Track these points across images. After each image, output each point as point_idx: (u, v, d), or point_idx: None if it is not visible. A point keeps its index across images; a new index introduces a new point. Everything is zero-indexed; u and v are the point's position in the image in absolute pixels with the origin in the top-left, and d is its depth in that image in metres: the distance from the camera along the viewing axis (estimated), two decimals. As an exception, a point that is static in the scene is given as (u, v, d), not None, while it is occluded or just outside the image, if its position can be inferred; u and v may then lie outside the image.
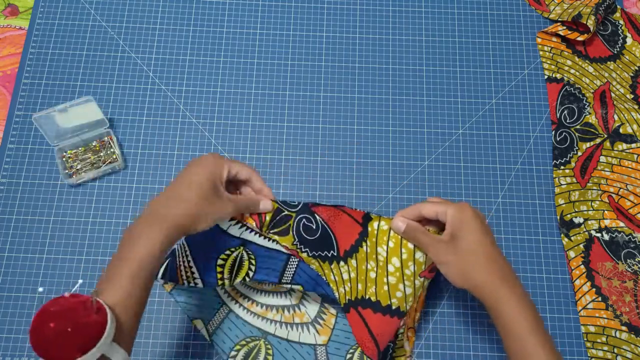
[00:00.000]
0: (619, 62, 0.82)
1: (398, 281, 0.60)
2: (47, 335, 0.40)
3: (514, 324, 0.53)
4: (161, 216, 0.51)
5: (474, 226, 0.56)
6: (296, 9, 0.84)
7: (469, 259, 0.55)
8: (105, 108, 0.77)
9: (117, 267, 0.48)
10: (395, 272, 0.60)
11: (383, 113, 0.78)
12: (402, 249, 0.60)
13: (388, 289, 0.60)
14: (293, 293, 0.68)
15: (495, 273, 0.55)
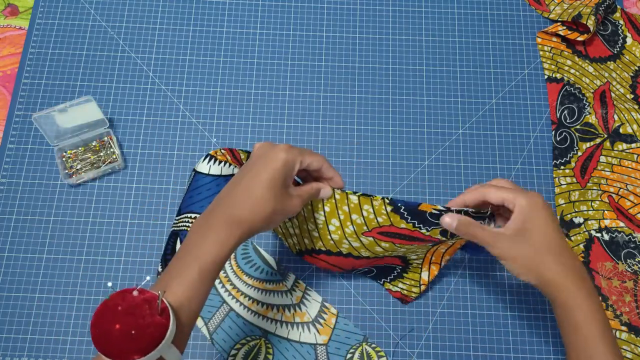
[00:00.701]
0: (619, 62, 0.82)
1: (341, 237, 0.60)
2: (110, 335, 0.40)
3: (584, 326, 0.50)
4: (235, 217, 0.48)
5: (545, 219, 0.52)
6: (296, 9, 0.84)
7: (540, 254, 0.52)
8: (105, 108, 0.77)
9: (187, 264, 0.46)
10: (337, 230, 0.60)
11: (383, 113, 0.78)
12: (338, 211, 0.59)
13: (334, 243, 0.61)
14: (294, 292, 0.68)
15: (567, 270, 0.51)
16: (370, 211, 0.60)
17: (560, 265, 0.51)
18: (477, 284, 0.70)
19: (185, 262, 0.46)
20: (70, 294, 0.68)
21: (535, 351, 0.67)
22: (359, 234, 0.60)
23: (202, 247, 0.47)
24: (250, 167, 0.51)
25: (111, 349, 0.40)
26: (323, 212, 0.59)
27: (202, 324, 0.66)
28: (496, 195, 0.53)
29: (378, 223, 0.60)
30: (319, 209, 0.59)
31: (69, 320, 0.67)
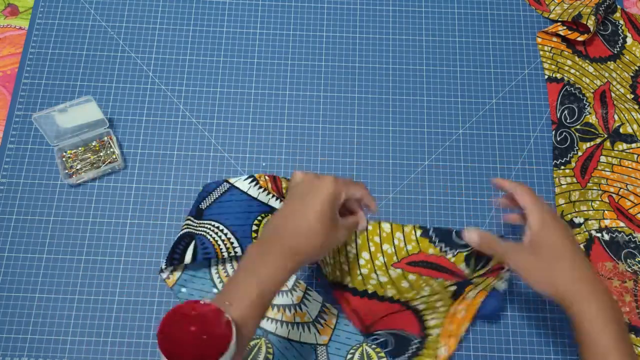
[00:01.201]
0: (619, 62, 0.82)
1: (370, 271, 0.64)
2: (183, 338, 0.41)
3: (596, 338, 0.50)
4: (294, 248, 0.51)
5: (557, 230, 0.54)
6: (296, 9, 0.84)
7: (553, 265, 0.53)
8: (105, 108, 0.77)
9: (248, 285, 0.48)
10: (367, 264, 0.65)
11: (383, 113, 0.78)
12: (369, 242, 0.64)
13: (362, 279, 0.65)
14: (294, 292, 0.68)
15: (580, 280, 0.53)
16: (401, 239, 0.66)
17: (572, 277, 0.53)
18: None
19: (246, 283, 0.48)
20: (70, 294, 0.68)
21: (536, 351, 0.67)
22: (388, 265, 0.64)
23: (262, 272, 0.49)
24: (301, 199, 0.54)
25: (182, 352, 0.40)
26: (355, 244, 0.64)
27: None
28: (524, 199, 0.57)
29: (407, 252, 0.65)
30: (351, 241, 0.64)
31: (69, 320, 0.67)
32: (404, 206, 0.73)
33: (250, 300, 0.47)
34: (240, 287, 0.48)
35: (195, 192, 0.73)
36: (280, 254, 0.50)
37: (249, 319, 0.46)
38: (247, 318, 0.46)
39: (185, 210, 0.72)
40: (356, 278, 0.65)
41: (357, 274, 0.65)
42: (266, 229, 0.54)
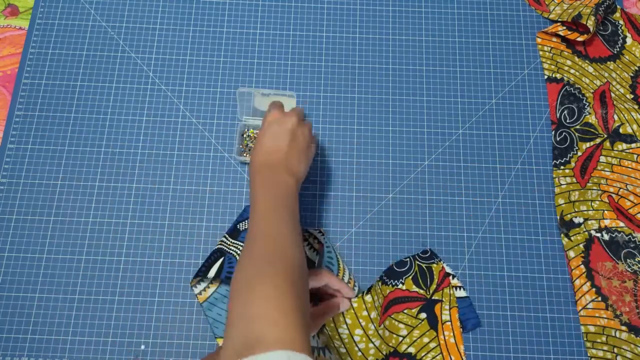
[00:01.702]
0: (618, 62, 0.82)
1: (367, 343, 0.66)
2: None
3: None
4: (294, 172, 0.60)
5: None
6: (296, 9, 0.84)
7: None
8: (105, 108, 0.77)
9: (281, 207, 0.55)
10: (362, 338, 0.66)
11: (383, 113, 0.78)
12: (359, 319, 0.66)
13: (362, 354, 0.66)
14: (321, 335, 0.67)
15: None
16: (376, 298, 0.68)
17: None
18: (477, 283, 0.70)
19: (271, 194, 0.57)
20: (70, 294, 0.68)
21: (535, 351, 0.67)
22: (377, 328, 0.66)
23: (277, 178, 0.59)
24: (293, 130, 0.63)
25: None
26: (346, 325, 0.66)
27: None
28: None
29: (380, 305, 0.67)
30: (341, 324, 0.66)
31: (69, 320, 0.67)
32: (403, 206, 0.73)
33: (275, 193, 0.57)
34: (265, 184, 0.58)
35: (195, 192, 0.73)
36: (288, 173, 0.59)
37: None
38: None
39: (185, 210, 0.72)
40: (356, 355, 0.66)
41: (356, 351, 0.66)
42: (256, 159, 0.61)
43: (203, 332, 0.67)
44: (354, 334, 0.66)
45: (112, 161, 0.74)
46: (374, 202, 0.73)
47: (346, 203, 0.73)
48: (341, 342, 0.66)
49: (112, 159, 0.75)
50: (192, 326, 0.67)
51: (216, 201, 0.73)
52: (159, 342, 0.67)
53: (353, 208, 0.73)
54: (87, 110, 0.77)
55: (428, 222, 0.72)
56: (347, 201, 0.73)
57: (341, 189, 0.74)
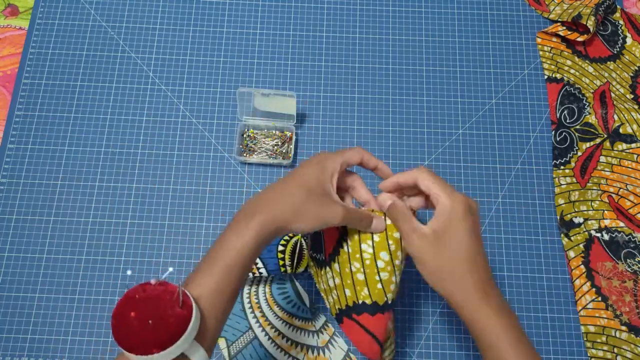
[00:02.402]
0: (618, 62, 0.82)
1: (390, 274, 0.53)
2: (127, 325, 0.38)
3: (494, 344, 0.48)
4: (259, 212, 0.47)
5: (462, 227, 0.49)
6: (296, 9, 0.84)
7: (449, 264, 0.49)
8: (106, 108, 0.77)
9: (212, 260, 0.45)
10: (386, 266, 0.53)
11: (383, 113, 0.78)
12: (388, 240, 0.53)
13: (382, 286, 0.54)
14: (321, 335, 0.67)
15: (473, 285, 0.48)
16: None
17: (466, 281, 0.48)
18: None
19: (211, 258, 0.45)
20: (70, 294, 0.68)
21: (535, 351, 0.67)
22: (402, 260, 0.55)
23: (227, 242, 0.46)
24: (290, 174, 0.52)
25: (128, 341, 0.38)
26: (372, 241, 0.54)
27: (225, 346, 0.65)
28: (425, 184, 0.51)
29: None
30: (367, 239, 0.54)
31: (69, 320, 0.67)
32: (404, 206, 0.73)
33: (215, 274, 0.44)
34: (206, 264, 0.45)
35: (195, 192, 0.73)
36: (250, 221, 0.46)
37: (217, 293, 0.43)
38: (215, 292, 0.43)
39: (185, 210, 0.72)
40: (375, 287, 0.54)
41: (376, 280, 0.53)
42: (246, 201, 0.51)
43: (203, 332, 0.67)
44: (377, 257, 0.53)
45: (112, 161, 0.74)
46: (374, 202, 0.73)
47: (346, 203, 0.73)
48: (361, 264, 0.54)
49: (112, 159, 0.75)
50: (192, 326, 0.67)
51: (216, 201, 0.73)
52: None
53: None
54: (87, 110, 0.77)
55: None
56: (347, 201, 0.73)
57: (341, 189, 0.74)
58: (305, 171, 0.50)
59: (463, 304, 0.49)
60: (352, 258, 0.54)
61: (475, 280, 0.49)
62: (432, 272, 0.49)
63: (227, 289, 0.44)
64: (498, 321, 0.48)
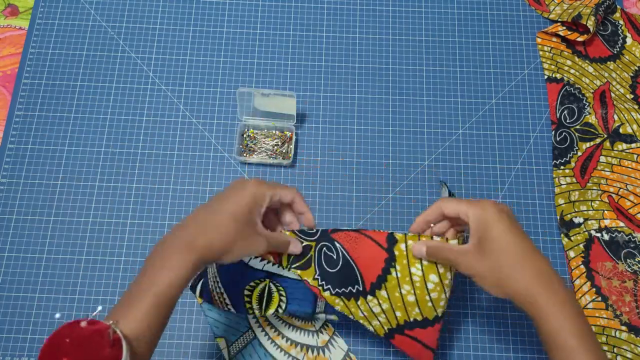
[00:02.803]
0: (618, 62, 0.82)
1: (440, 293, 0.56)
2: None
3: (560, 335, 0.47)
4: (188, 244, 0.47)
5: (500, 227, 0.50)
6: (296, 9, 0.84)
7: (501, 265, 0.49)
8: (106, 108, 0.77)
9: (138, 296, 0.44)
10: (436, 287, 0.56)
11: (383, 113, 0.78)
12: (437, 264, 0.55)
13: (432, 304, 0.56)
14: (321, 335, 0.66)
15: (532, 278, 0.48)
16: None
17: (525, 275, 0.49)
18: (477, 284, 0.70)
19: (140, 290, 0.45)
20: (70, 294, 0.68)
21: (535, 351, 0.67)
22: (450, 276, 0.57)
23: (156, 275, 0.45)
24: (218, 199, 0.51)
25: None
26: (420, 265, 0.56)
27: (225, 346, 0.65)
28: (451, 207, 0.53)
29: None
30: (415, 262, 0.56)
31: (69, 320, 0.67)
32: (403, 206, 0.73)
33: (145, 308, 0.43)
34: (134, 297, 0.44)
35: (195, 192, 0.73)
36: (177, 251, 0.46)
37: (147, 328, 0.43)
38: (145, 328, 0.43)
39: (185, 211, 0.72)
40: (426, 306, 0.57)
41: (427, 300, 0.56)
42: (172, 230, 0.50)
43: (203, 332, 0.67)
44: (427, 280, 0.56)
45: (112, 161, 0.74)
46: (373, 202, 0.73)
47: (346, 203, 0.73)
48: (411, 287, 0.56)
49: (112, 159, 0.75)
50: (192, 326, 0.67)
51: (216, 201, 0.73)
52: (159, 342, 0.67)
53: (353, 208, 0.73)
54: (87, 110, 0.77)
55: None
56: (347, 201, 0.73)
57: (341, 189, 0.74)
58: (236, 199, 0.50)
59: (527, 299, 0.48)
60: (401, 282, 0.56)
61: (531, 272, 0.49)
62: (491, 281, 0.50)
63: (156, 324, 0.44)
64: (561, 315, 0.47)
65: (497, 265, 0.50)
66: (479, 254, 0.51)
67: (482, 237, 0.50)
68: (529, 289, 0.48)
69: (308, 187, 0.74)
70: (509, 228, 0.50)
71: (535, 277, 0.49)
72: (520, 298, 0.49)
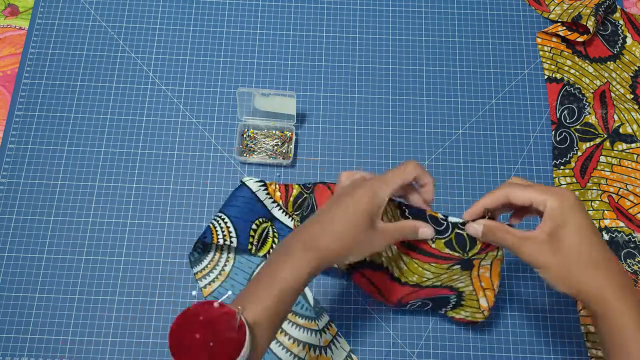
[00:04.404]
0: (618, 62, 0.82)
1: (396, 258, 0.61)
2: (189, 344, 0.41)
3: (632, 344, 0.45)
4: (315, 247, 0.49)
5: (580, 222, 0.47)
6: (296, 9, 0.84)
7: (575, 262, 0.47)
8: (105, 108, 0.77)
9: (265, 286, 0.47)
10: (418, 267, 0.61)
11: (383, 113, 0.78)
12: None
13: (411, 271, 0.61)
14: (324, 334, 0.66)
15: (606, 278, 0.46)
16: None
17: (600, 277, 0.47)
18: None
19: (264, 284, 0.47)
20: (70, 293, 0.68)
21: (535, 351, 0.67)
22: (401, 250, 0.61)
23: (280, 271, 0.47)
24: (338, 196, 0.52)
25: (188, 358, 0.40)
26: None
27: None
28: (522, 195, 0.49)
29: None
30: None
31: (69, 320, 0.67)
32: (404, 206, 0.73)
33: (267, 302, 0.46)
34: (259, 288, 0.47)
35: (195, 192, 0.73)
36: (301, 251, 0.48)
37: (267, 320, 0.45)
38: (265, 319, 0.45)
39: (185, 210, 0.72)
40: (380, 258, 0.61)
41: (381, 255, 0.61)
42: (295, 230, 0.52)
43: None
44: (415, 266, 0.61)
45: (112, 161, 0.74)
46: (374, 202, 0.73)
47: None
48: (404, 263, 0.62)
49: (112, 159, 0.75)
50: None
51: (216, 201, 0.73)
52: (159, 342, 0.67)
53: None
54: (87, 110, 0.77)
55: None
56: (347, 201, 0.73)
57: (341, 189, 0.74)
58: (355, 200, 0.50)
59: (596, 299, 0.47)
60: None
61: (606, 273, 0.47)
62: (560, 274, 0.47)
63: (277, 317, 0.46)
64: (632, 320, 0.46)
65: (567, 261, 0.47)
66: (549, 245, 0.48)
67: (556, 229, 0.47)
68: (600, 290, 0.46)
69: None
70: (587, 226, 0.47)
71: (609, 278, 0.47)
72: (588, 299, 0.47)
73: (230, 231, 0.66)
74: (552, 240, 0.48)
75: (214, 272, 0.68)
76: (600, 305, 0.46)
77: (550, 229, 0.48)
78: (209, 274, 0.68)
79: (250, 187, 0.70)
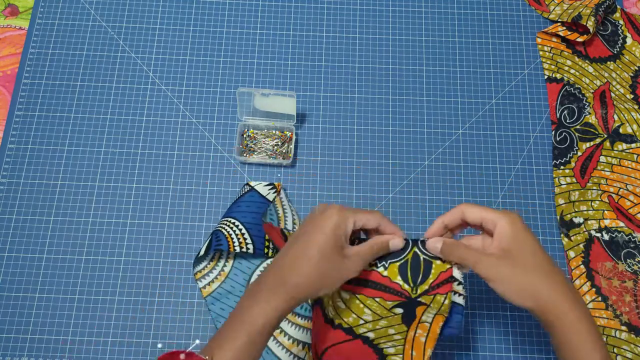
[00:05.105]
0: (618, 62, 0.82)
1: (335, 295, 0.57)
2: None
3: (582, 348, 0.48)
4: (284, 281, 0.49)
5: (530, 241, 0.51)
6: (296, 9, 0.84)
7: (532, 276, 0.50)
8: (105, 108, 0.77)
9: (236, 329, 0.46)
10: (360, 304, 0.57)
11: (383, 113, 0.78)
12: None
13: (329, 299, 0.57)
14: None
15: (559, 291, 0.49)
16: None
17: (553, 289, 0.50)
18: (476, 283, 0.70)
19: (235, 326, 0.47)
20: (70, 293, 0.68)
21: (535, 351, 0.67)
22: None
23: (251, 312, 0.47)
24: (302, 232, 0.52)
25: None
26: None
27: None
28: (475, 214, 0.53)
29: None
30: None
31: (69, 320, 0.67)
32: (403, 206, 0.73)
33: (239, 345, 0.45)
34: (229, 332, 0.46)
35: (195, 192, 0.73)
36: (271, 289, 0.48)
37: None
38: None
39: (185, 210, 0.72)
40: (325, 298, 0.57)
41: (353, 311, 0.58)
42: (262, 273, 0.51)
43: (203, 332, 0.67)
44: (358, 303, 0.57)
45: (112, 161, 0.75)
46: (373, 202, 0.73)
47: (346, 203, 0.73)
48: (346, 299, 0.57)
49: (112, 159, 0.75)
50: (192, 326, 0.67)
51: (216, 201, 0.73)
52: (159, 342, 0.67)
53: (353, 208, 0.73)
54: (87, 110, 0.77)
55: (428, 222, 0.72)
56: (347, 201, 0.73)
57: (341, 189, 0.74)
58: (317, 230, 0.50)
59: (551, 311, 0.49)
60: None
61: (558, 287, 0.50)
62: (515, 287, 0.50)
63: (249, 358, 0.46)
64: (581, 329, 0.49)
65: (522, 274, 0.50)
66: (505, 260, 0.51)
67: (508, 247, 0.51)
68: (555, 302, 0.49)
69: (308, 187, 0.74)
70: (536, 242, 0.51)
71: (560, 291, 0.50)
72: (542, 309, 0.49)
73: (246, 238, 0.65)
74: (506, 255, 0.51)
75: (214, 273, 0.68)
76: (555, 315, 0.49)
77: (504, 245, 0.51)
78: (209, 274, 0.68)
79: (259, 191, 0.70)
